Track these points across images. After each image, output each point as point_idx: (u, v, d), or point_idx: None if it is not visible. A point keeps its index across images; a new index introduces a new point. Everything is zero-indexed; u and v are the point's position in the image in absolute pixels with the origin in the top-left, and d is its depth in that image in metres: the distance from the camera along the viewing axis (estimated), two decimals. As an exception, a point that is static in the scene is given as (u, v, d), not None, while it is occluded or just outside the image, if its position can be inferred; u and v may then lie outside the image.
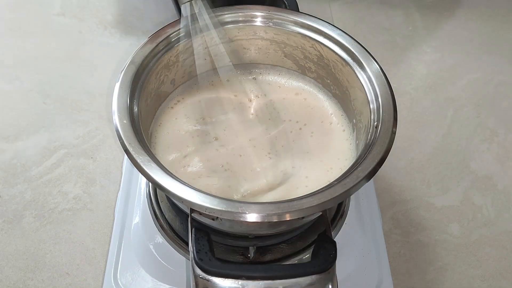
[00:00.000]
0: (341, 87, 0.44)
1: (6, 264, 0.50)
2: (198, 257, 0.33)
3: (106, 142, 0.59)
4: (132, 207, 0.50)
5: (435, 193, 0.57)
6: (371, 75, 0.40)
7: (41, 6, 0.75)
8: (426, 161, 0.60)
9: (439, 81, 0.69)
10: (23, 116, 0.61)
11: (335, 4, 0.78)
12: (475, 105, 0.66)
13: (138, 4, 0.76)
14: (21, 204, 0.54)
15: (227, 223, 0.35)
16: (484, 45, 0.74)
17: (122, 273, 0.45)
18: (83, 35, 0.71)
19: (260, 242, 0.43)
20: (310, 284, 0.32)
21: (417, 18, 0.78)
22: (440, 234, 0.54)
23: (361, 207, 0.50)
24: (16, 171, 0.56)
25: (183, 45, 0.43)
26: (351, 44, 0.41)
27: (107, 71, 0.67)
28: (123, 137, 0.34)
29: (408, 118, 0.64)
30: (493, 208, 0.56)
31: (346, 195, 0.33)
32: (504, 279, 0.51)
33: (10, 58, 0.68)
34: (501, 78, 0.70)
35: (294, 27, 0.44)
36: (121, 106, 0.36)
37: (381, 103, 0.38)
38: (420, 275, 0.51)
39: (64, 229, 0.52)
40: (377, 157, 0.34)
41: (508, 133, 0.63)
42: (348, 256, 0.47)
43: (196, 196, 0.32)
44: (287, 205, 0.32)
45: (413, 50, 0.73)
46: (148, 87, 0.40)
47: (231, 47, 0.46)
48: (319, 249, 0.34)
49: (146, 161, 0.33)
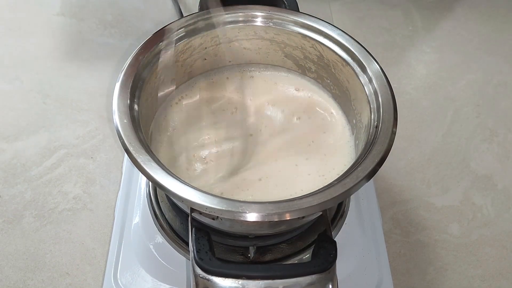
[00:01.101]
0: (341, 87, 0.44)
1: (6, 264, 0.50)
2: (198, 256, 0.33)
3: (106, 142, 0.59)
4: (132, 207, 0.50)
5: (435, 193, 0.57)
6: (371, 75, 0.40)
7: (41, 6, 0.75)
8: (426, 161, 0.60)
9: (439, 81, 0.69)
10: (23, 116, 0.61)
11: (335, 4, 0.78)
12: (474, 105, 0.66)
13: (138, 4, 0.76)
14: (21, 204, 0.54)
15: (227, 222, 0.35)
16: (484, 45, 0.74)
17: (122, 273, 0.45)
18: (83, 35, 0.71)
19: (260, 242, 0.43)
20: (310, 283, 0.32)
21: (417, 18, 0.78)
22: (440, 234, 0.54)
23: (361, 207, 0.50)
24: (16, 171, 0.56)
25: (183, 45, 0.43)
26: (351, 44, 0.41)
27: (107, 71, 0.67)
28: (123, 136, 0.34)
29: (408, 118, 0.64)
30: (493, 208, 0.56)
31: (346, 195, 0.33)
32: (504, 279, 0.51)
33: (10, 58, 0.68)
34: (500, 78, 0.70)
35: (294, 27, 0.44)
36: (121, 106, 0.36)
37: (381, 103, 0.38)
38: (420, 275, 0.51)
39: (64, 229, 0.52)
40: (377, 157, 0.34)
41: (508, 133, 0.63)
42: (348, 256, 0.47)
43: (196, 196, 0.32)
44: (287, 204, 0.32)
45: (413, 50, 0.73)
46: (148, 87, 0.40)
47: (231, 47, 0.46)
48: (319, 249, 0.34)
49: (147, 161, 0.33)
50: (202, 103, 0.45)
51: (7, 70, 0.66)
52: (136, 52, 0.40)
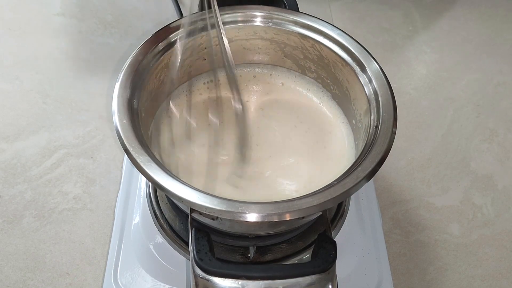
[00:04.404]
0: (341, 87, 0.44)
1: (6, 264, 0.50)
2: (198, 257, 0.33)
3: (106, 142, 0.59)
4: (132, 207, 0.50)
5: (435, 193, 0.57)
6: (371, 75, 0.39)
7: (41, 6, 0.75)
8: (426, 161, 0.60)
9: (439, 81, 0.69)
10: (23, 116, 0.61)
11: (335, 4, 0.78)
12: (475, 105, 0.66)
13: (138, 4, 0.76)
14: (21, 204, 0.54)
15: (227, 223, 0.35)
16: (484, 45, 0.74)
17: (122, 273, 0.45)
18: (83, 35, 0.71)
19: (260, 242, 0.43)
20: (310, 284, 0.32)
21: (417, 18, 0.78)
22: (440, 234, 0.54)
23: (361, 207, 0.50)
24: (16, 171, 0.56)
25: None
26: (351, 44, 0.41)
27: (107, 71, 0.67)
28: (123, 137, 0.34)
29: (408, 118, 0.64)
30: (493, 208, 0.56)
31: (346, 195, 0.33)
32: (504, 279, 0.51)
33: (10, 58, 0.68)
34: (500, 78, 0.70)
35: (294, 27, 0.44)
36: (121, 106, 0.36)
37: (381, 103, 0.38)
38: (420, 275, 0.51)
39: (64, 229, 0.52)
40: (377, 157, 0.34)
41: (508, 133, 0.63)
42: (348, 256, 0.47)
43: (196, 196, 0.32)
44: (287, 205, 0.32)
45: (413, 50, 0.73)
46: (148, 87, 0.40)
47: (231, 47, 0.46)
48: (319, 249, 0.34)
49: (146, 161, 0.33)
50: (202, 103, 0.45)
51: (7, 70, 0.66)
52: (136, 52, 0.40)
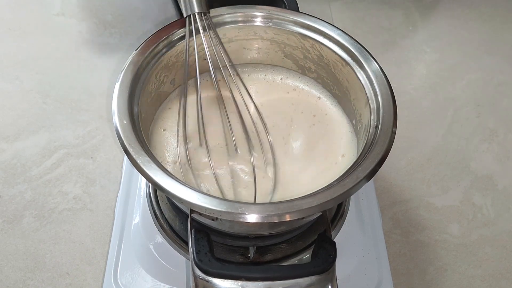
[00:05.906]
0: (341, 87, 0.44)
1: (6, 264, 0.50)
2: (198, 258, 0.33)
3: (106, 142, 0.59)
4: (132, 207, 0.50)
5: (435, 193, 0.57)
6: (371, 75, 0.39)
7: (41, 6, 0.75)
8: (426, 161, 0.60)
9: (439, 81, 0.69)
10: (23, 116, 0.61)
11: (335, 4, 0.78)
12: (475, 105, 0.66)
13: (138, 4, 0.76)
14: (21, 204, 0.54)
15: (227, 223, 0.35)
16: (484, 45, 0.74)
17: (122, 273, 0.45)
18: (83, 35, 0.71)
19: (260, 242, 0.43)
20: (309, 284, 0.32)
21: (417, 18, 0.78)
22: (440, 234, 0.54)
23: (361, 207, 0.50)
24: (16, 171, 0.56)
25: (183, 45, 0.43)
26: (351, 44, 0.41)
27: (107, 71, 0.67)
28: (123, 137, 0.34)
29: (408, 118, 0.64)
30: (493, 208, 0.56)
31: (346, 195, 0.33)
32: (504, 279, 0.51)
33: (10, 58, 0.68)
34: (501, 78, 0.70)
35: (294, 27, 0.44)
36: (121, 106, 0.36)
37: (381, 103, 0.38)
38: (420, 275, 0.51)
39: (64, 229, 0.52)
40: (377, 157, 0.34)
41: (508, 133, 0.63)
42: (348, 256, 0.47)
43: (196, 197, 0.32)
44: (287, 205, 0.32)
45: (413, 50, 0.73)
46: (148, 87, 0.40)
47: (231, 47, 0.46)
48: (319, 250, 0.34)
49: (146, 162, 0.33)
50: (202, 103, 0.45)
51: (7, 70, 0.66)
52: (136, 52, 0.40)
